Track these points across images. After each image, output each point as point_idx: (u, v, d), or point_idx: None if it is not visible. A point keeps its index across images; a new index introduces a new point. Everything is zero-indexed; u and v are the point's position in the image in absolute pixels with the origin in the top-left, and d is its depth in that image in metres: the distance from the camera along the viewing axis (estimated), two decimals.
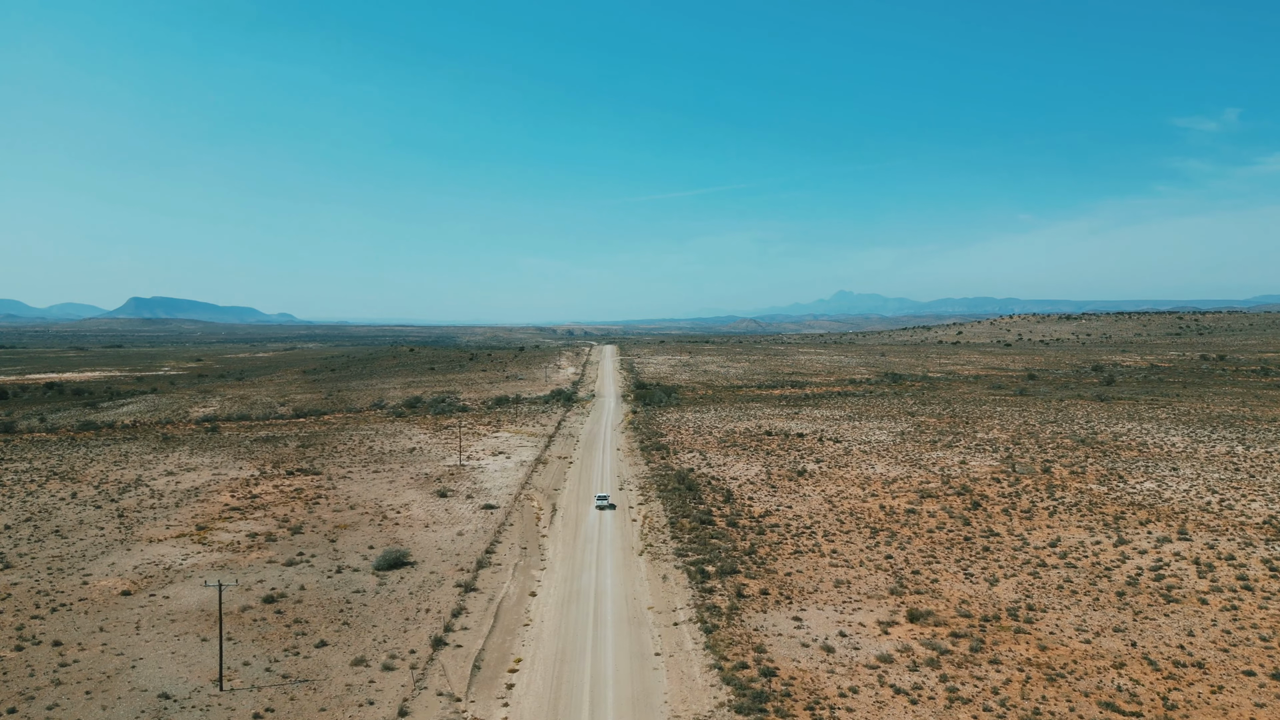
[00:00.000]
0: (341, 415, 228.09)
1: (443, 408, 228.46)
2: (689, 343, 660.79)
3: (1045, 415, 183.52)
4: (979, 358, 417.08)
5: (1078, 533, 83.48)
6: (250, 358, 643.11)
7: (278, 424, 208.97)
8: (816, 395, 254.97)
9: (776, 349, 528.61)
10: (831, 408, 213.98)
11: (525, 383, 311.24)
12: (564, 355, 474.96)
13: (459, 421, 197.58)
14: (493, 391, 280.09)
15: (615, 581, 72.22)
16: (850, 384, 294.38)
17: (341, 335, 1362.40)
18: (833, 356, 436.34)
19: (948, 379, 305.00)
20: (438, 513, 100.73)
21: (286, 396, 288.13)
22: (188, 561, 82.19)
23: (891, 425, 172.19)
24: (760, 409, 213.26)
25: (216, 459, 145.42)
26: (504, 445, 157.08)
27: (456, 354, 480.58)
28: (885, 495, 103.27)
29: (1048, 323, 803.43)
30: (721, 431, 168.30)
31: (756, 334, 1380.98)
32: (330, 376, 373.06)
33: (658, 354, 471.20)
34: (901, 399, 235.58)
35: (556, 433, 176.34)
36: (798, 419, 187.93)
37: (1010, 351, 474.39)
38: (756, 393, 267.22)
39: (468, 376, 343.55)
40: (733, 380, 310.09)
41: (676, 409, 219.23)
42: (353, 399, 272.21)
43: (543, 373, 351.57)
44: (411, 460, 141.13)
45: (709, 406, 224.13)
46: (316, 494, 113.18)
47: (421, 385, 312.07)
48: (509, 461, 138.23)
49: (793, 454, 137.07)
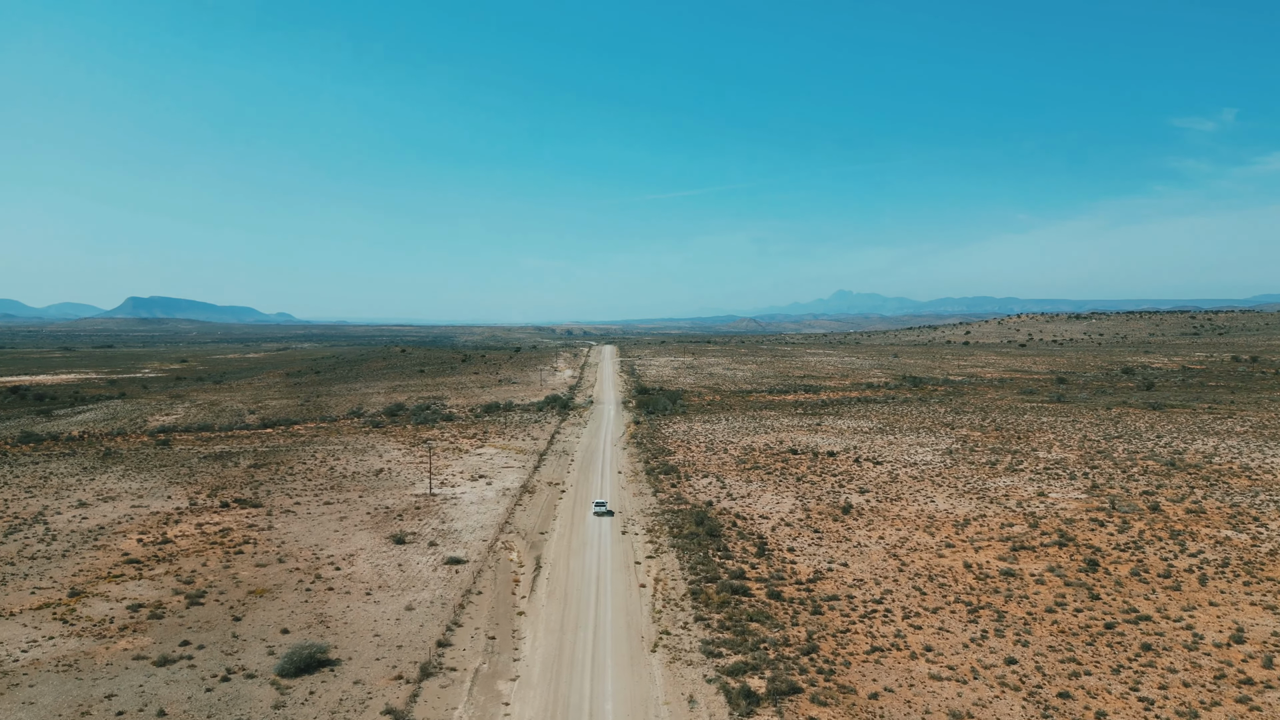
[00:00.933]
0: (313, 425, 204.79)
1: (426, 417, 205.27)
2: (691, 343, 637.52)
3: (1104, 428, 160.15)
4: (996, 359, 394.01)
5: (1260, 615, 60.21)
6: (240, 358, 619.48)
7: (240, 435, 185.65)
8: (834, 402, 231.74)
9: (783, 349, 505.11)
10: (855, 417, 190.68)
11: (519, 387, 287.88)
12: (561, 357, 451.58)
13: (440, 434, 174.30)
14: (483, 397, 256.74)
15: (618, 705, 48.95)
16: (868, 388, 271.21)
17: (338, 335, 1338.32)
18: (843, 358, 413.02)
19: (971, 383, 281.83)
20: (388, 570, 77.34)
21: (260, 402, 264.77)
22: (27, 655, 58.92)
23: (933, 441, 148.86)
24: (776, 418, 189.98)
25: (147, 484, 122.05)
26: (487, 466, 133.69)
27: (450, 355, 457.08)
28: (964, 545, 79.98)
29: (1057, 322, 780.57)
30: (738, 448, 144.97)
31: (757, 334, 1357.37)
32: (313, 380, 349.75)
33: (659, 355, 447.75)
34: (930, 406, 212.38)
35: (549, 449, 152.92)
36: (821, 431, 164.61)
37: (1026, 353, 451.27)
38: (768, 399, 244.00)
39: (458, 380, 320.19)
40: (741, 384, 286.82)
41: (683, 418, 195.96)
42: (330, 406, 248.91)
43: (538, 376, 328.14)
44: (375, 486, 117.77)
45: (719, 415, 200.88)
46: (245, 537, 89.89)
47: (407, 390, 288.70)
48: (489, 489, 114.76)
49: (829, 480, 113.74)
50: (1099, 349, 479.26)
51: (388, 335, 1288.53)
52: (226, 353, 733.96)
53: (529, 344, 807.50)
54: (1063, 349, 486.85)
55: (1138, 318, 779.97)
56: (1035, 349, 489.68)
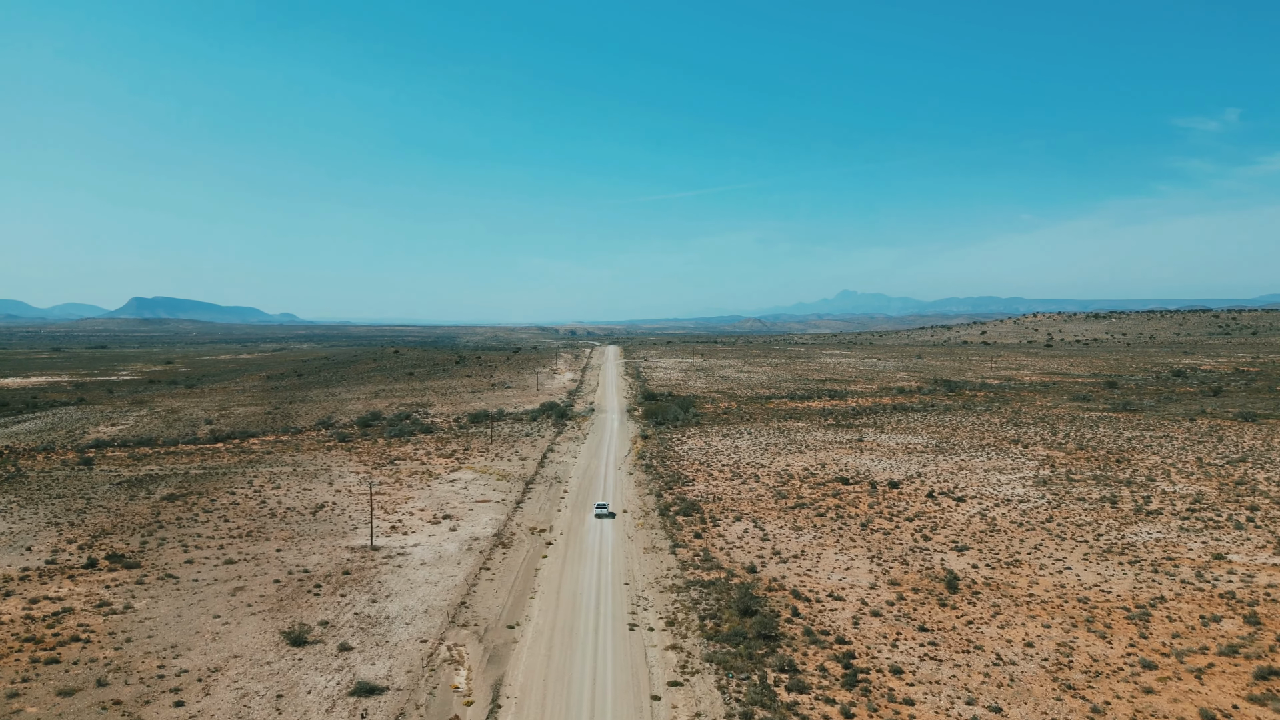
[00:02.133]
0: (272, 438, 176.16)
1: (402, 428, 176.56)
2: (698, 343, 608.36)
3: (1210, 446, 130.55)
4: (1026, 360, 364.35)
5: None
6: (231, 359, 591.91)
7: (181, 452, 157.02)
8: (867, 411, 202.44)
9: (796, 350, 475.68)
10: (900, 430, 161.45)
11: (513, 392, 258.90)
12: (562, 358, 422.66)
13: (413, 451, 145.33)
14: (471, 404, 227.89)
15: None
16: (899, 394, 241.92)
17: (339, 335, 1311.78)
18: (863, 359, 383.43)
19: (1011, 387, 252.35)
20: (257, 710, 48.26)
21: (225, 410, 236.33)
22: None
23: (1011, 465, 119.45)
24: (807, 431, 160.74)
25: (18, 526, 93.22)
26: (457, 499, 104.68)
27: (444, 357, 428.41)
28: (1171, 665, 50.51)
29: (1075, 321, 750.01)
30: (772, 474, 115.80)
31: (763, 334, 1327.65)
32: (293, 384, 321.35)
33: (666, 356, 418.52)
34: (979, 416, 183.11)
35: (538, 473, 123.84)
36: (867, 450, 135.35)
37: (1055, 354, 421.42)
38: (791, 406, 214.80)
39: (447, 384, 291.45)
40: (757, 389, 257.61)
41: (698, 430, 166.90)
42: (300, 414, 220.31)
43: (535, 380, 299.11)
44: (305, 532, 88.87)
45: (739, 426, 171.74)
46: (81, 627, 61.00)
47: (391, 395, 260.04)
48: (452, 540, 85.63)
49: (905, 528, 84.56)
50: (1129, 349, 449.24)
51: (389, 335, 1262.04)
52: (220, 354, 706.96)
53: (530, 345, 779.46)
54: (1090, 349, 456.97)
55: (1158, 317, 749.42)
56: (1063, 350, 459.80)
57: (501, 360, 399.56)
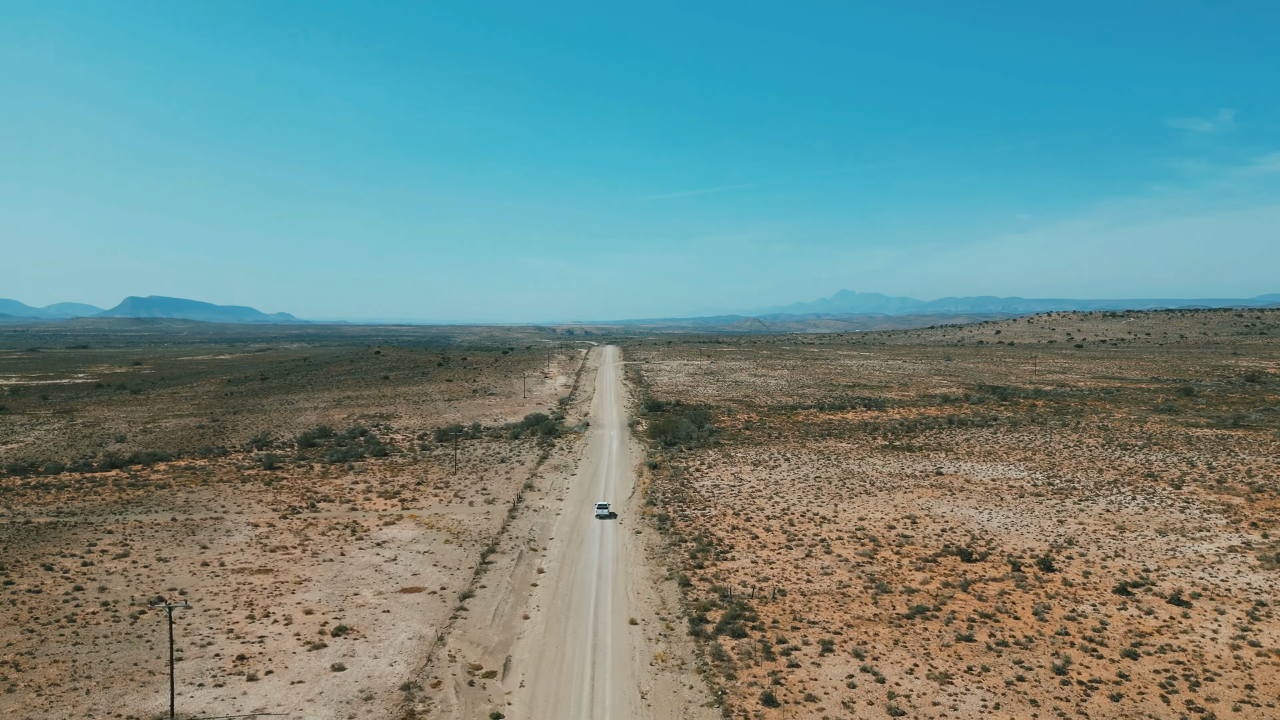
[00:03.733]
0: (184, 463, 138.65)
1: (350, 449, 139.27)
2: (702, 344, 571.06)
3: None
4: (1067, 362, 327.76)
5: None
6: (209, 360, 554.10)
7: (55, 485, 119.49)
8: (917, 425, 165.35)
9: (809, 351, 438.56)
10: (981, 455, 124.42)
11: (496, 401, 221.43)
12: (556, 359, 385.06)
13: (351, 485, 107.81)
14: (445, 415, 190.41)
15: None
16: (945, 402, 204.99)
17: (332, 335, 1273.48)
18: (886, 362, 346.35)
19: (1072, 394, 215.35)
20: None
21: (154, 422, 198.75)
22: None
23: (1181, 519, 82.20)
24: (861, 455, 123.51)
25: None
26: (371, 589, 67.29)
27: (428, 358, 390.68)
28: None
29: (1092, 321, 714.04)
30: (845, 534, 78.67)
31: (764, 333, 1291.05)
32: (253, 389, 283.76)
33: (669, 358, 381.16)
34: (1065, 434, 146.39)
35: (505, 530, 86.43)
36: (956, 488, 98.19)
37: (1093, 355, 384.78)
38: (824, 419, 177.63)
39: (423, 390, 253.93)
40: (778, 396, 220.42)
41: (720, 453, 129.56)
42: (239, 428, 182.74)
43: (523, 385, 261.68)
44: (81, 673, 51.62)
45: (770, 448, 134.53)
46: None
47: (356, 403, 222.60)
48: (326, 701, 48.41)
49: (1132, 672, 47.54)
50: (1166, 350, 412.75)
51: (382, 335, 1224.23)
52: (200, 354, 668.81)
53: (524, 345, 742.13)
54: (1121, 350, 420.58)
55: (1178, 315, 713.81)
56: (1096, 350, 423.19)
57: (489, 362, 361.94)
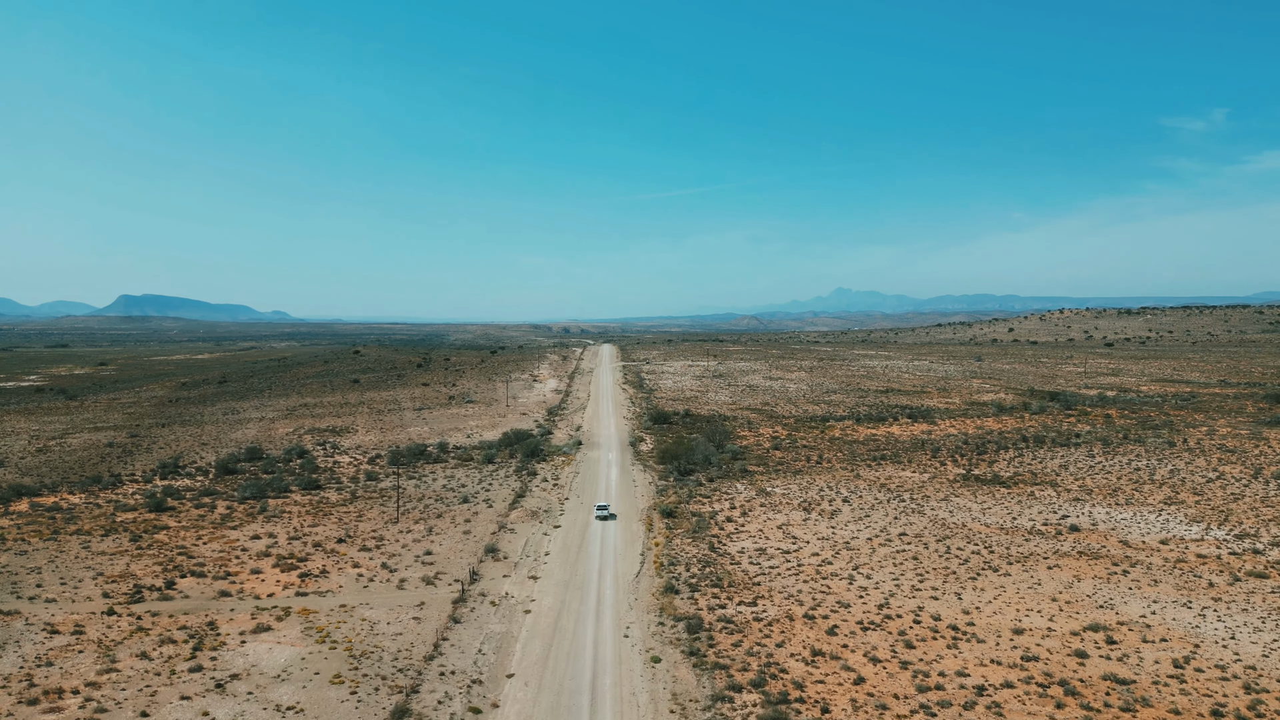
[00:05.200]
0: (51, 500, 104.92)
1: (273, 480, 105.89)
2: (703, 342, 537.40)
3: None
4: (1108, 362, 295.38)
5: None
6: (186, 359, 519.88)
7: None
8: (987, 442, 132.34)
9: (821, 350, 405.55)
10: (1099, 492, 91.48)
11: (474, 410, 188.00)
12: (547, 360, 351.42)
13: (252, 541, 74.88)
14: (408, 430, 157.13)
15: None
16: (1000, 412, 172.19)
17: (324, 334, 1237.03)
18: (910, 362, 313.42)
19: (1144, 402, 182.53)
20: None
21: (63, 438, 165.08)
22: None
23: None
24: (944, 494, 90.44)
25: None
26: None
27: (407, 358, 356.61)
28: None
29: (1107, 318, 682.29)
30: (994, 662, 45.91)
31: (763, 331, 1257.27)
32: (204, 394, 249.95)
33: (671, 358, 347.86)
34: (1179, 456, 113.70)
35: (439, 650, 53.02)
36: (1116, 558, 65.31)
37: (1132, 355, 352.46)
38: (865, 433, 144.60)
39: (393, 396, 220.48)
40: (801, 404, 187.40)
41: (751, 488, 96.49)
42: (157, 446, 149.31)
43: (508, 390, 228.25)
44: None
45: (815, 478, 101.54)
46: None
47: (309, 413, 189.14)
48: None
49: None
50: (1198, 349, 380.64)
51: (376, 334, 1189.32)
52: (179, 353, 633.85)
53: (517, 343, 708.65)
54: (1157, 349, 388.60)
55: (1197, 313, 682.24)
56: (1132, 350, 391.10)
57: (475, 363, 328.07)
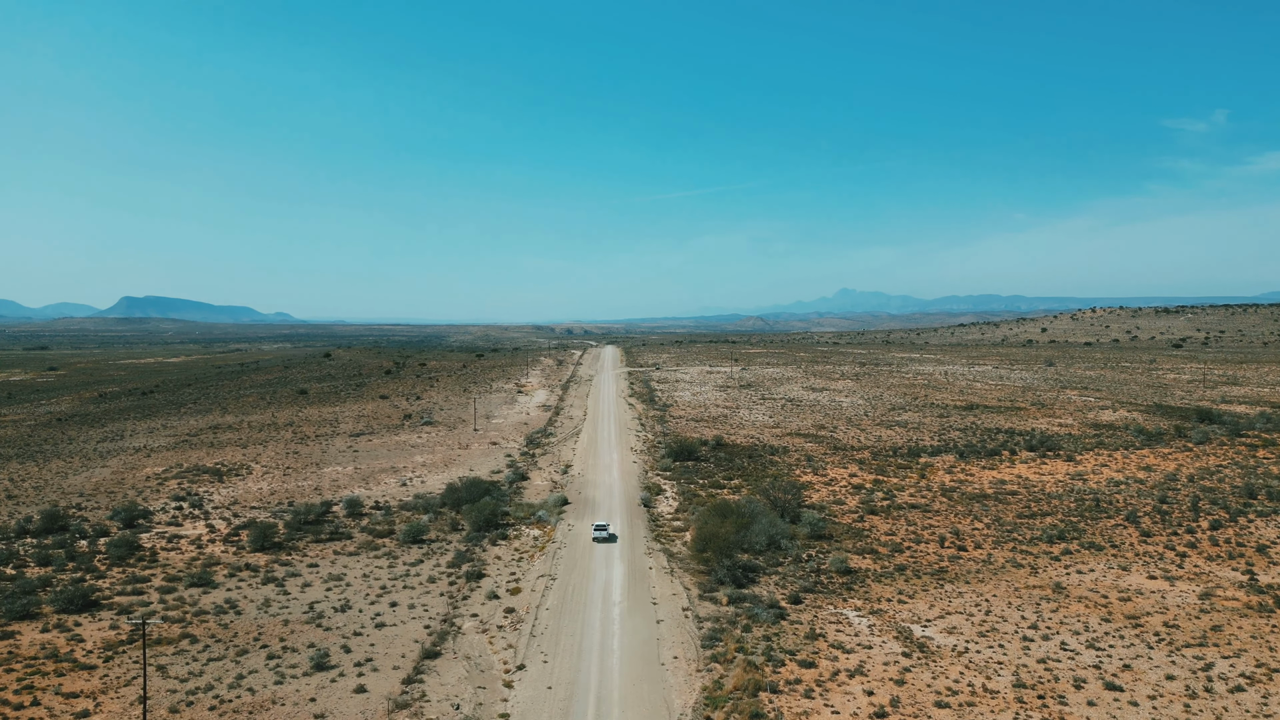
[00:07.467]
0: None
1: (18, 590, 56.95)
2: (717, 344, 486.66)
3: None
4: (1197, 367, 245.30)
5: None
6: (153, 364, 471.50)
7: None
8: (1174, 490, 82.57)
9: (856, 354, 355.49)
10: None
11: (432, 433, 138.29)
12: (540, 365, 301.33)
13: None
14: (323, 471, 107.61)
15: None
16: (1143, 437, 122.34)
17: (323, 335, 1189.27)
18: (969, 368, 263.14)
19: None
20: None
21: None
22: None
23: None
24: (1231, 618, 41.51)
25: None
26: None
27: (377, 363, 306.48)
28: None
29: (1145, 317, 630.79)
30: None
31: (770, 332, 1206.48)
32: (115, 408, 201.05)
33: (684, 362, 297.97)
34: None
35: None
36: None
37: (1216, 358, 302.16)
38: (985, 478, 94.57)
39: (336, 413, 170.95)
40: (867, 427, 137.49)
41: (880, 628, 46.72)
42: None
43: (485, 406, 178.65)
44: None
45: (980, 592, 51.27)
46: None
47: (210, 442, 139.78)
48: None
49: None
50: (1273, 349, 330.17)
51: (374, 335, 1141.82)
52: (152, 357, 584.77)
53: (515, 345, 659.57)
54: (1229, 350, 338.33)
55: (1242, 312, 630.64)
56: (1205, 352, 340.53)
57: (454, 369, 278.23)
